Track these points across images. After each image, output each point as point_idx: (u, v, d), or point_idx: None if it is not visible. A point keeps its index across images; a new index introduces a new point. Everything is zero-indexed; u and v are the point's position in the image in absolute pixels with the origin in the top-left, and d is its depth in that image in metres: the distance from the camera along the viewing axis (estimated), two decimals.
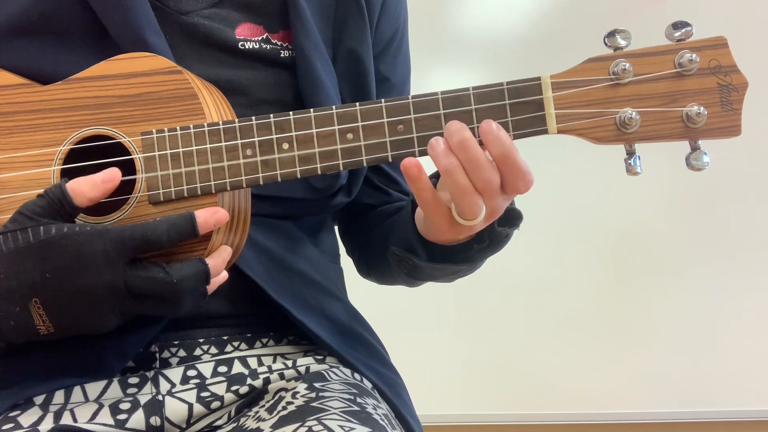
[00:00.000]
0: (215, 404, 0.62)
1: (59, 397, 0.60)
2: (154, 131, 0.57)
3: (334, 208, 0.76)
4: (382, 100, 0.56)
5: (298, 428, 0.54)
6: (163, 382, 0.63)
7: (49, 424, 0.57)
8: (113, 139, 0.57)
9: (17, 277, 0.51)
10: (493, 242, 0.63)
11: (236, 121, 0.57)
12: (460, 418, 1.93)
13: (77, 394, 0.61)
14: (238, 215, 0.60)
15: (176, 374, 0.63)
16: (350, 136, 0.56)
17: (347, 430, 0.54)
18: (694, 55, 0.53)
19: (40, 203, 0.53)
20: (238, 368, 0.65)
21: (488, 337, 1.95)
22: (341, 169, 0.56)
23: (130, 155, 0.57)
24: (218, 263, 0.56)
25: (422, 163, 0.56)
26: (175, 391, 0.62)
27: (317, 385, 0.63)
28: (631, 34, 0.55)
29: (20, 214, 0.53)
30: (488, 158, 0.55)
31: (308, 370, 0.67)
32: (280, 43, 0.69)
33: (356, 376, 0.69)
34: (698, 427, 1.88)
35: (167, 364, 0.64)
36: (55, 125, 0.58)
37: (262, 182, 0.56)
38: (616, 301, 1.92)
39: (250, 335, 0.69)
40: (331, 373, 0.67)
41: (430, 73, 1.91)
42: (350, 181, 0.74)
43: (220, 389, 0.63)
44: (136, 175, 0.57)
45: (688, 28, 0.54)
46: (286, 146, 0.56)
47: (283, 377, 0.65)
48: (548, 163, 1.69)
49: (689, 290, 1.89)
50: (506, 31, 1.94)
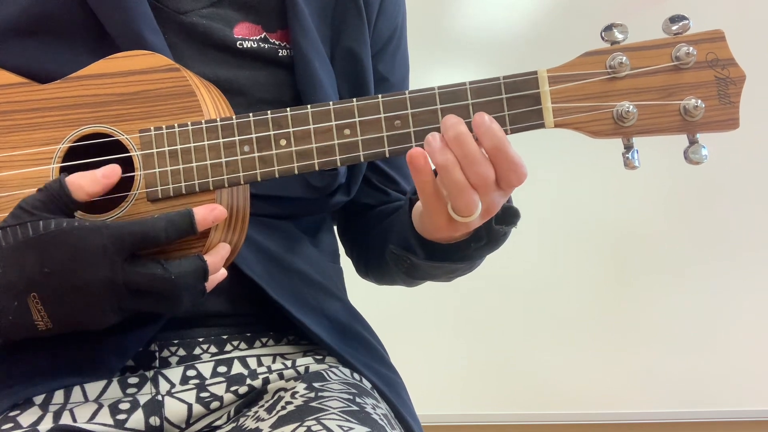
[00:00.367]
0: (215, 404, 0.62)
1: (59, 396, 0.60)
2: (152, 128, 0.57)
3: (333, 207, 0.76)
4: (379, 95, 0.56)
5: (297, 428, 0.54)
6: (162, 382, 0.63)
7: (48, 423, 0.57)
8: (112, 136, 0.58)
9: (16, 271, 0.51)
10: (490, 240, 0.63)
11: (234, 117, 0.57)
12: (459, 418, 1.93)
13: (77, 393, 0.61)
14: (236, 213, 0.60)
15: (176, 374, 0.63)
16: (347, 131, 0.56)
17: (346, 429, 0.53)
18: (691, 48, 0.53)
19: (39, 197, 0.53)
20: (237, 368, 0.65)
21: (488, 336, 1.94)
22: (338, 164, 0.56)
23: (128, 153, 0.57)
24: (216, 260, 0.56)
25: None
26: (174, 391, 0.62)
27: (316, 385, 0.63)
28: (627, 27, 0.55)
29: (20, 208, 0.53)
30: (484, 154, 0.55)
31: (307, 369, 0.67)
32: (278, 42, 0.69)
33: (355, 375, 0.69)
34: (698, 427, 1.88)
35: (167, 363, 0.64)
36: (54, 123, 0.58)
37: (260, 178, 0.57)
38: (615, 300, 1.92)
39: (249, 335, 0.69)
40: (330, 372, 0.67)
41: (429, 73, 1.91)
42: (349, 180, 0.74)
43: (219, 389, 0.63)
44: (134, 172, 0.57)
45: (685, 21, 0.54)
46: (283, 142, 0.56)
47: (282, 377, 0.65)
48: (547, 162, 1.69)
49: (689, 290, 1.89)
50: (506, 31, 1.94)
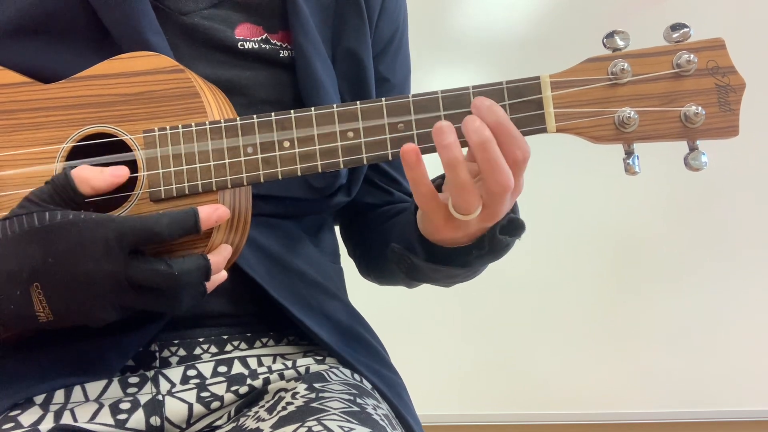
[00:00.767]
0: (215, 404, 0.62)
1: (59, 396, 0.60)
2: (156, 129, 0.57)
3: (333, 207, 0.76)
4: (382, 99, 0.56)
5: (297, 428, 0.54)
6: (163, 381, 0.63)
7: (49, 423, 0.57)
8: (115, 136, 0.58)
9: (20, 260, 0.51)
10: (492, 250, 0.62)
11: (238, 119, 0.57)
12: (460, 418, 1.93)
13: (77, 393, 0.61)
14: (238, 214, 0.61)
15: (176, 374, 0.63)
16: (351, 134, 0.56)
17: (347, 430, 0.54)
18: (692, 56, 0.54)
19: (45, 189, 0.54)
20: (237, 368, 0.66)
21: (488, 337, 1.95)
22: (342, 167, 0.57)
23: (131, 153, 0.57)
24: (219, 260, 0.56)
25: (424, 161, 0.56)
26: (175, 391, 0.62)
27: (317, 385, 0.63)
28: (629, 35, 0.55)
29: (27, 200, 0.53)
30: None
31: (308, 370, 0.67)
32: (279, 43, 0.69)
33: (356, 376, 0.69)
34: (698, 427, 1.88)
35: (167, 363, 0.64)
36: (57, 123, 0.58)
37: (263, 180, 0.57)
38: (615, 301, 1.93)
39: (250, 335, 0.69)
40: (331, 373, 0.67)
41: (430, 73, 1.91)
42: (350, 180, 0.74)
43: (220, 389, 0.63)
44: (137, 172, 0.57)
45: (686, 29, 0.54)
46: (287, 144, 0.57)
47: (283, 377, 0.65)
48: (550, 165, 1.69)
49: (689, 291, 1.89)
50: (506, 31, 1.94)
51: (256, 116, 0.57)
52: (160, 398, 0.61)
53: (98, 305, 0.53)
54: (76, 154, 0.58)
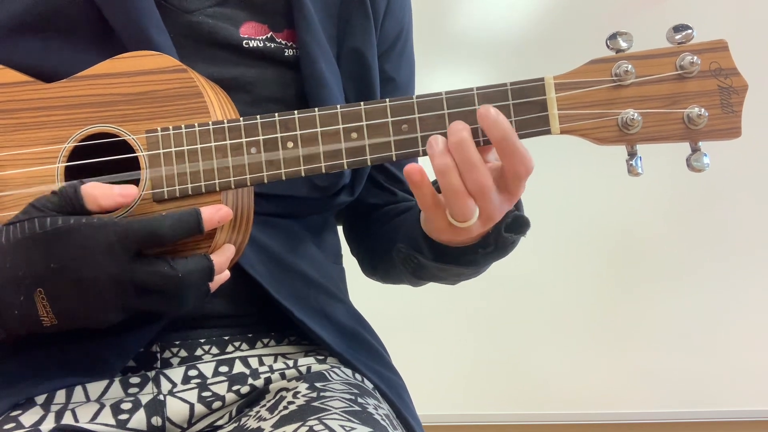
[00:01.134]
0: (216, 404, 0.62)
1: (60, 396, 0.60)
2: (158, 129, 0.57)
3: (336, 207, 0.76)
4: (386, 99, 0.56)
5: (299, 428, 0.54)
6: (164, 381, 0.63)
7: (50, 423, 0.57)
8: (118, 136, 0.58)
9: (23, 266, 0.51)
10: (498, 248, 0.63)
11: (241, 119, 0.57)
12: (460, 418, 1.93)
13: (78, 393, 0.61)
14: (241, 214, 0.61)
15: (177, 374, 0.63)
16: (354, 135, 0.56)
17: (348, 429, 0.54)
18: (695, 57, 0.54)
19: (52, 200, 0.53)
20: (239, 368, 0.65)
21: (489, 337, 1.95)
22: (345, 168, 0.56)
23: (134, 153, 0.57)
24: (222, 260, 0.56)
25: (424, 162, 0.56)
26: (176, 390, 0.62)
27: (318, 384, 0.63)
28: (632, 36, 0.55)
29: (32, 206, 0.53)
30: (484, 161, 0.54)
31: (309, 370, 0.67)
32: (284, 42, 0.69)
33: (357, 376, 0.69)
34: (698, 427, 1.88)
35: (168, 364, 0.64)
36: (59, 123, 0.58)
37: (266, 180, 0.57)
38: (616, 301, 1.93)
39: (251, 335, 0.69)
40: (332, 373, 0.67)
41: (430, 73, 1.91)
42: (353, 180, 0.74)
43: (221, 389, 0.63)
44: (140, 173, 0.57)
45: (688, 31, 0.54)
46: (290, 145, 0.56)
47: (284, 377, 0.65)
48: (552, 165, 1.69)
49: (689, 290, 1.89)
50: (506, 31, 1.94)
51: (259, 117, 0.57)
52: (161, 398, 0.61)
53: (102, 308, 0.53)
54: (78, 153, 0.58)
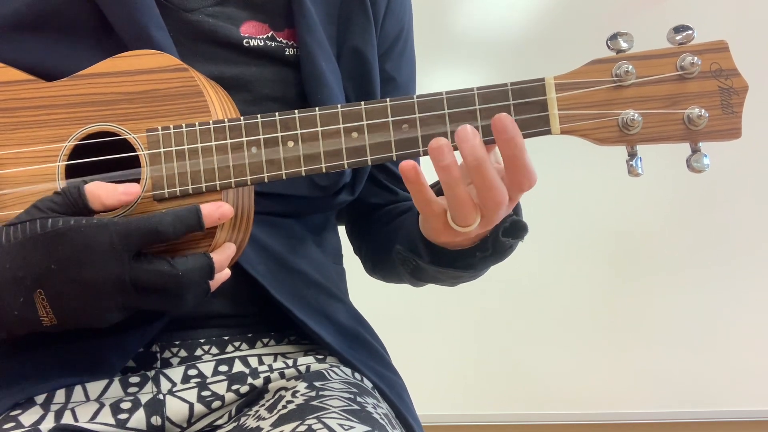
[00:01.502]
0: (216, 404, 0.62)
1: (60, 396, 0.60)
2: (159, 128, 0.57)
3: (337, 206, 0.76)
4: (387, 99, 0.56)
5: (297, 426, 0.54)
6: (163, 381, 0.63)
7: (50, 423, 0.57)
8: (118, 135, 0.58)
9: (23, 267, 0.51)
10: (496, 252, 0.63)
11: (242, 118, 0.57)
12: (460, 418, 1.93)
13: (78, 393, 0.61)
14: (241, 213, 0.61)
15: (177, 373, 0.63)
16: (355, 134, 0.56)
17: (347, 428, 0.53)
18: (695, 58, 0.54)
19: (56, 200, 0.53)
20: (238, 367, 0.66)
21: (488, 337, 1.95)
22: (346, 167, 0.56)
23: (135, 152, 0.57)
24: (222, 259, 0.56)
25: (425, 162, 0.56)
26: (175, 390, 0.62)
27: (317, 384, 0.63)
28: (633, 37, 0.55)
29: (35, 207, 0.53)
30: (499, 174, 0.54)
31: (308, 369, 0.67)
32: (285, 41, 0.69)
33: (356, 375, 0.69)
34: (698, 427, 1.88)
35: (168, 364, 0.64)
36: (60, 121, 0.58)
37: (267, 180, 0.57)
38: (616, 301, 1.93)
39: (251, 335, 0.69)
40: (331, 372, 0.67)
41: (431, 73, 1.91)
42: (354, 179, 0.74)
43: (220, 388, 0.63)
44: (141, 172, 0.57)
45: (689, 31, 0.54)
46: (291, 144, 0.56)
47: (283, 376, 0.65)
48: (552, 166, 1.70)
49: (689, 291, 1.90)
50: (506, 31, 1.94)
51: (260, 116, 0.57)
52: (160, 398, 0.61)
53: (103, 308, 0.53)
54: (78, 152, 0.58)
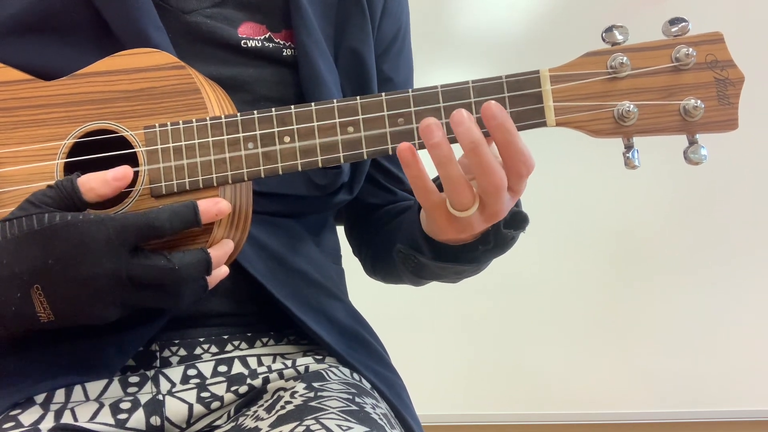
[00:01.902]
0: (215, 404, 0.62)
1: (60, 396, 0.60)
2: (156, 125, 0.57)
3: (335, 206, 0.76)
4: (382, 93, 0.57)
5: (296, 427, 0.54)
6: (163, 381, 0.63)
7: (49, 423, 0.57)
8: (116, 133, 0.58)
9: (20, 263, 0.51)
10: (498, 244, 0.62)
11: (238, 114, 0.57)
12: (460, 418, 1.93)
13: (78, 393, 0.60)
14: (239, 211, 0.61)
15: (176, 374, 0.63)
16: (351, 128, 0.56)
17: (345, 429, 0.53)
18: (690, 49, 0.54)
19: (49, 194, 0.53)
20: (237, 368, 0.65)
21: (488, 337, 1.95)
22: (342, 161, 0.57)
23: (132, 149, 0.57)
24: (220, 254, 0.56)
25: (423, 157, 0.56)
26: (175, 390, 0.62)
27: (316, 384, 0.63)
28: (628, 29, 0.55)
29: (29, 202, 0.53)
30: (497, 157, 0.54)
31: (307, 369, 0.67)
32: (282, 42, 0.70)
33: (355, 376, 0.69)
34: (698, 427, 1.88)
35: (167, 363, 0.64)
36: (59, 120, 0.58)
37: (263, 175, 0.57)
38: (616, 301, 1.93)
39: (250, 334, 0.69)
40: (330, 372, 0.67)
41: (430, 71, 1.91)
42: (352, 178, 0.74)
43: (219, 389, 0.63)
44: (138, 168, 0.57)
45: (684, 23, 0.55)
46: (287, 139, 0.57)
47: (282, 376, 0.65)
48: (552, 164, 1.70)
49: (689, 290, 1.90)
50: (506, 30, 1.95)
51: (256, 111, 0.57)
52: (160, 398, 0.61)
53: (100, 304, 0.53)
54: (77, 150, 0.58)
